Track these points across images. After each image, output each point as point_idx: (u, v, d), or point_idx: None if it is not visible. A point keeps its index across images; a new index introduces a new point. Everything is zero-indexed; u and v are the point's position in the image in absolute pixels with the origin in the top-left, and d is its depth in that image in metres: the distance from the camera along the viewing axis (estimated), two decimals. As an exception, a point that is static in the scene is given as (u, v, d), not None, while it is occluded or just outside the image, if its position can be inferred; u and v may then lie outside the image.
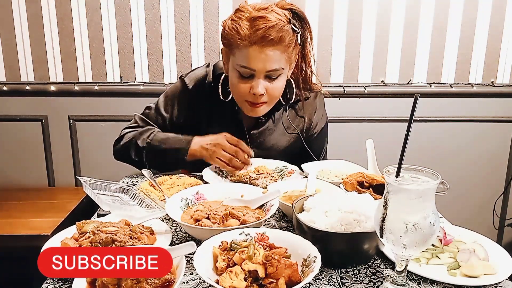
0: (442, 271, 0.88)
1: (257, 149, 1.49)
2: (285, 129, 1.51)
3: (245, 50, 1.27)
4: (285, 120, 1.50)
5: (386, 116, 2.21)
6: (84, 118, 2.15)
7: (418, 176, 0.77)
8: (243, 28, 1.26)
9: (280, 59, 1.29)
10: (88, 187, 1.16)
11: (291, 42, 1.30)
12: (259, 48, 1.26)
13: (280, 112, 1.50)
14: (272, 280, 0.76)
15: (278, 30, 1.25)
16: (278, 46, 1.27)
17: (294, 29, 1.31)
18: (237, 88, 1.34)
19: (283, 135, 1.51)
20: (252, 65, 1.28)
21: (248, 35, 1.25)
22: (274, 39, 1.25)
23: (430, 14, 2.10)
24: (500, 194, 2.36)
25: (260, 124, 1.49)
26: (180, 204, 1.07)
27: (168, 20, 2.05)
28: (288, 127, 1.51)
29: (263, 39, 1.24)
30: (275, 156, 1.48)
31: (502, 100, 2.24)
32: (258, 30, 1.24)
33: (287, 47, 1.30)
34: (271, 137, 1.50)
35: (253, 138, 1.49)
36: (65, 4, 2.01)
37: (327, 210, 0.92)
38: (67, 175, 2.23)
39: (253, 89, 1.31)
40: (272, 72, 1.30)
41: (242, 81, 1.32)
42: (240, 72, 1.31)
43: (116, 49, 2.07)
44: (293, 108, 1.52)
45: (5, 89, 2.08)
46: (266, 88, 1.32)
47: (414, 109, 0.77)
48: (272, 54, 1.27)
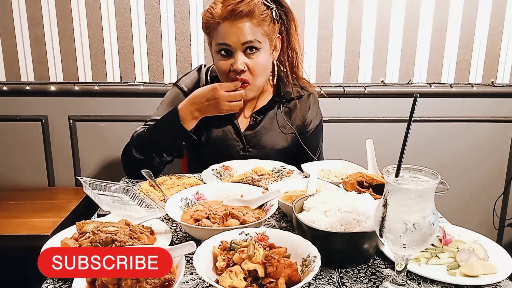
0: (441, 271, 0.88)
1: (253, 149, 1.49)
2: (280, 128, 1.52)
3: (219, 27, 1.33)
4: (280, 119, 1.51)
5: (386, 116, 2.21)
6: (84, 118, 2.15)
7: (418, 175, 0.77)
8: (216, 8, 1.33)
9: (254, 32, 1.33)
10: (88, 187, 1.16)
11: (264, 16, 1.35)
12: (230, 23, 1.32)
13: (274, 111, 1.52)
14: (271, 279, 0.76)
15: (247, 4, 1.31)
16: (249, 18, 1.32)
17: (266, 3, 1.36)
18: (219, 68, 1.39)
19: (279, 134, 1.51)
20: (226, 39, 1.33)
21: (220, 13, 1.32)
22: (244, 11, 1.30)
23: (430, 14, 2.10)
24: (500, 194, 2.36)
25: (255, 125, 1.50)
26: (180, 204, 1.07)
27: (168, 20, 2.05)
28: (283, 126, 1.52)
29: (233, 12, 1.30)
30: (272, 155, 1.48)
31: (502, 100, 2.24)
32: (228, 6, 1.31)
33: (261, 21, 1.34)
34: (266, 136, 1.51)
35: (249, 138, 1.50)
36: (65, 4, 2.01)
37: (327, 210, 0.92)
38: (67, 175, 2.23)
39: (234, 65, 1.35)
40: (248, 45, 1.34)
41: (223, 60, 1.37)
42: (219, 51, 1.36)
43: (116, 49, 2.07)
44: (287, 107, 1.53)
45: (5, 89, 2.08)
46: (246, 64, 1.35)
47: (414, 109, 0.77)
48: (243, 26, 1.32)
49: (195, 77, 1.52)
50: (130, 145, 1.43)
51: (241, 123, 1.51)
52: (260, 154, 1.49)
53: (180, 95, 1.49)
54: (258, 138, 1.50)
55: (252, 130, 1.50)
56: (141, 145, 1.40)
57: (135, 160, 1.39)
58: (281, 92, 1.50)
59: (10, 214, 1.87)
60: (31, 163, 2.20)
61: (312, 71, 2.13)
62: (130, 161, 1.42)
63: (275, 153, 1.50)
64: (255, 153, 1.49)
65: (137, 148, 1.40)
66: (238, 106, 1.37)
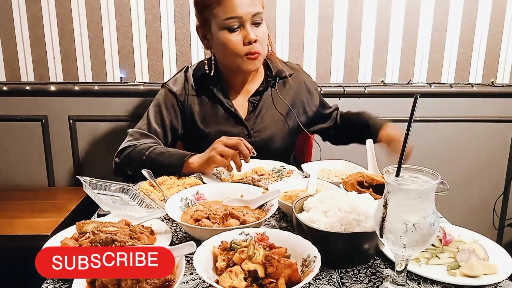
0: (442, 271, 0.88)
1: (258, 133, 1.50)
2: (278, 108, 1.54)
3: (227, 1, 1.33)
4: (277, 99, 1.54)
5: (386, 116, 2.21)
6: (84, 118, 2.15)
7: (418, 176, 0.77)
8: None
9: (258, 3, 1.37)
10: (88, 187, 1.16)
11: None
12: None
13: (269, 92, 1.54)
14: (272, 280, 0.76)
15: None
16: None
17: None
18: (230, 44, 1.37)
19: (279, 115, 1.54)
20: (238, 11, 1.34)
21: None
22: None
23: (430, 14, 2.10)
24: (500, 194, 2.36)
25: (254, 109, 1.51)
26: (180, 204, 1.07)
27: (168, 20, 2.05)
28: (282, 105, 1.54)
29: None
30: (279, 139, 1.51)
31: (502, 100, 2.24)
32: None
33: None
34: (268, 118, 1.52)
35: (252, 123, 1.51)
36: (65, 4, 2.01)
37: (327, 210, 0.92)
38: (67, 175, 2.23)
39: (248, 37, 1.35)
40: (257, 16, 1.36)
41: (233, 35, 1.36)
42: (227, 26, 1.36)
43: (116, 49, 2.07)
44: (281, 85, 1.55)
45: (5, 89, 2.08)
46: (256, 35, 1.37)
47: (414, 109, 0.77)
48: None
49: (182, 78, 1.52)
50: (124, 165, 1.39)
51: (240, 111, 1.51)
52: (266, 137, 1.51)
53: (169, 97, 1.50)
54: (260, 121, 1.52)
55: (252, 114, 1.51)
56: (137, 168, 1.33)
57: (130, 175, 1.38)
58: (272, 71, 1.52)
59: (10, 214, 1.87)
60: (31, 163, 2.20)
61: (312, 71, 2.13)
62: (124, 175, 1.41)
63: (281, 135, 1.53)
64: (261, 137, 1.51)
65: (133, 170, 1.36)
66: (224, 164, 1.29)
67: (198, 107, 1.50)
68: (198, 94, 1.51)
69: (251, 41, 1.35)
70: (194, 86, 1.50)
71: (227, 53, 1.40)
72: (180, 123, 1.52)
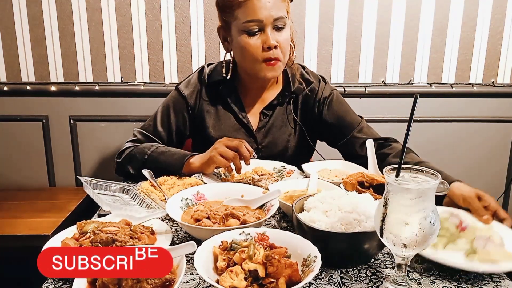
0: (459, 257, 0.88)
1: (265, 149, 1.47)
2: (290, 124, 1.48)
3: (248, 3, 1.28)
4: (291, 116, 1.48)
5: (386, 116, 2.21)
6: (84, 118, 2.15)
7: (418, 175, 0.77)
8: None
9: (282, 7, 1.31)
10: (88, 187, 1.16)
11: None
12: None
13: (284, 107, 1.49)
14: (272, 279, 0.76)
15: None
16: None
17: None
18: (249, 48, 1.31)
19: (291, 132, 1.49)
20: (259, 15, 1.28)
21: None
22: None
23: (430, 14, 2.10)
24: (501, 194, 2.36)
25: (266, 123, 1.47)
26: (180, 204, 1.07)
27: (168, 20, 2.05)
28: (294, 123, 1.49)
29: None
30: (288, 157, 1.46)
31: (502, 100, 2.24)
32: None
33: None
34: (280, 137, 1.48)
35: (261, 137, 1.48)
36: (65, 4, 2.01)
37: (327, 210, 0.92)
38: (68, 175, 2.23)
39: (267, 42, 1.30)
40: (279, 21, 1.30)
41: (252, 39, 1.31)
42: (247, 29, 1.30)
43: (116, 49, 2.08)
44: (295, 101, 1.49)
45: (5, 89, 2.08)
46: (277, 40, 1.31)
47: (414, 109, 0.77)
48: (274, 1, 1.29)
49: (195, 81, 1.48)
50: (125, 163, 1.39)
51: (252, 121, 1.47)
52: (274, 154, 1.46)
53: (179, 101, 1.47)
54: (270, 138, 1.47)
55: (263, 129, 1.47)
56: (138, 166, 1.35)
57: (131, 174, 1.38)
58: (291, 85, 1.46)
59: (10, 214, 1.87)
60: (32, 163, 2.20)
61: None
62: (126, 174, 1.41)
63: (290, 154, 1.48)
64: (269, 153, 1.46)
65: (134, 169, 1.37)
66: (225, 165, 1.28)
67: (210, 113, 1.47)
68: (211, 99, 1.46)
69: (271, 46, 1.29)
70: (207, 90, 1.46)
71: (245, 58, 1.34)
72: (188, 127, 1.50)
